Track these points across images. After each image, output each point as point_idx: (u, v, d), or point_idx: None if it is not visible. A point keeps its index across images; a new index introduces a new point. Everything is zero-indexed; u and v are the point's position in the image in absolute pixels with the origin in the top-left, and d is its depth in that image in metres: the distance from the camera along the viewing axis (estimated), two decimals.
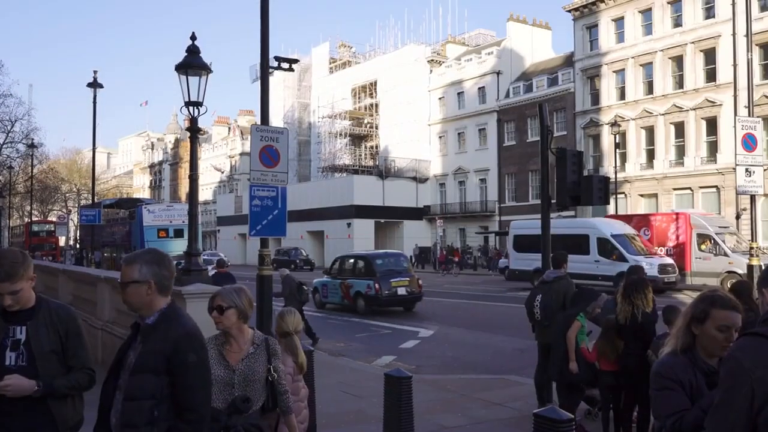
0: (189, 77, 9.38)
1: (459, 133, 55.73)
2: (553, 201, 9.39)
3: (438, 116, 57.58)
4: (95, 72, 24.77)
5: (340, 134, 63.66)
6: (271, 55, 12.08)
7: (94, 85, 24.82)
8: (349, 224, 54.26)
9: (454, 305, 22.31)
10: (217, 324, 3.67)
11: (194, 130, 9.74)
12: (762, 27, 33.36)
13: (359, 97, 65.83)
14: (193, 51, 9.44)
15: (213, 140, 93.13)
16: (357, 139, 65.81)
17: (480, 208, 52.77)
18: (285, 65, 13.09)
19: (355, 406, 8.29)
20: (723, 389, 2.40)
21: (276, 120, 62.19)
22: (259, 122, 11.42)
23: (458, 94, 55.81)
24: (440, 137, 57.60)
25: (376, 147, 64.07)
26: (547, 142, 9.44)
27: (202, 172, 73.29)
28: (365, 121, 64.99)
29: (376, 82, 63.03)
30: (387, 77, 61.04)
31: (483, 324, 17.04)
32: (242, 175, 76.26)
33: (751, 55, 16.06)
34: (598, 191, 8.90)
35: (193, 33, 9.59)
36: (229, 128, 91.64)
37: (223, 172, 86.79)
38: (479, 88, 53.91)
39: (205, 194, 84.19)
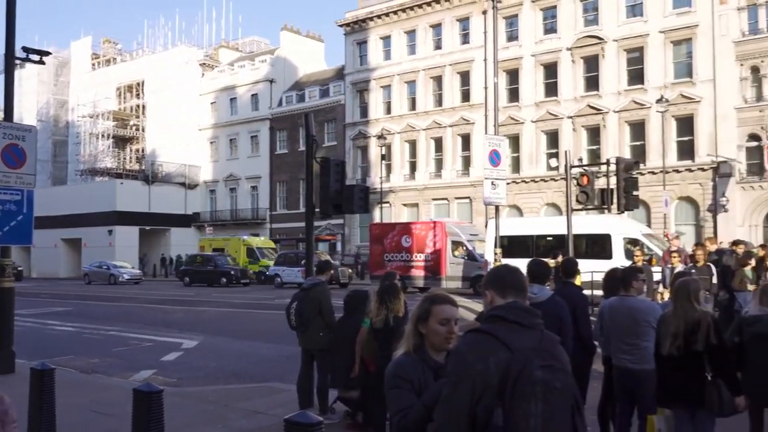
0: None
1: (231, 140, 54.98)
2: (317, 209, 9.61)
3: (209, 121, 56.32)
4: None
5: (103, 135, 59.55)
6: (21, 45, 11.07)
7: None
8: (110, 231, 50.93)
9: (221, 314, 21.88)
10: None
11: None
12: (508, 55, 37.16)
13: (125, 97, 62.40)
14: None
15: None
16: (121, 142, 62.09)
17: (251, 215, 52.47)
18: (35, 57, 12.01)
19: (106, 426, 7.75)
20: (450, 382, 2.59)
21: (29, 117, 56.91)
22: (1, 118, 10.32)
23: (231, 99, 55.09)
24: (211, 143, 56.39)
25: (143, 150, 61.07)
26: (312, 151, 9.62)
27: None
28: (131, 123, 61.66)
29: (143, 83, 60.07)
30: (155, 78, 58.42)
31: (249, 332, 16.90)
32: None
33: (498, 80, 17.81)
34: (359, 200, 9.26)
35: None
36: None
37: None
38: (252, 95, 53.69)
39: None
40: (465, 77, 41.18)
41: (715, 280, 12.23)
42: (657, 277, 15.18)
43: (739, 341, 5.65)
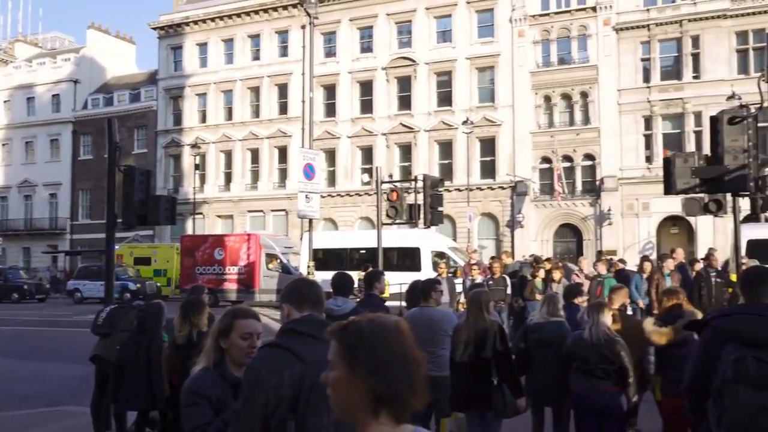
0: None
1: (27, 143, 50.51)
2: (119, 220, 9.13)
3: (2, 121, 51.48)
4: None
5: None
6: None
7: None
8: None
9: (10, 333, 19.95)
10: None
11: None
12: (326, 71, 37.77)
13: None
14: None
15: None
16: None
17: (49, 225, 48.49)
18: None
19: None
20: (244, 398, 2.59)
21: None
22: None
23: (28, 99, 50.72)
24: (4, 145, 51.49)
25: None
26: (115, 158, 9.15)
27: None
28: None
29: None
30: None
31: (43, 352, 15.62)
32: None
33: (314, 95, 18.07)
34: (165, 211, 8.93)
35: None
36: None
37: None
38: (53, 96, 49.85)
39: None
40: (283, 90, 41.15)
41: (509, 290, 13.26)
42: (460, 288, 16.12)
43: (524, 347, 6.17)
